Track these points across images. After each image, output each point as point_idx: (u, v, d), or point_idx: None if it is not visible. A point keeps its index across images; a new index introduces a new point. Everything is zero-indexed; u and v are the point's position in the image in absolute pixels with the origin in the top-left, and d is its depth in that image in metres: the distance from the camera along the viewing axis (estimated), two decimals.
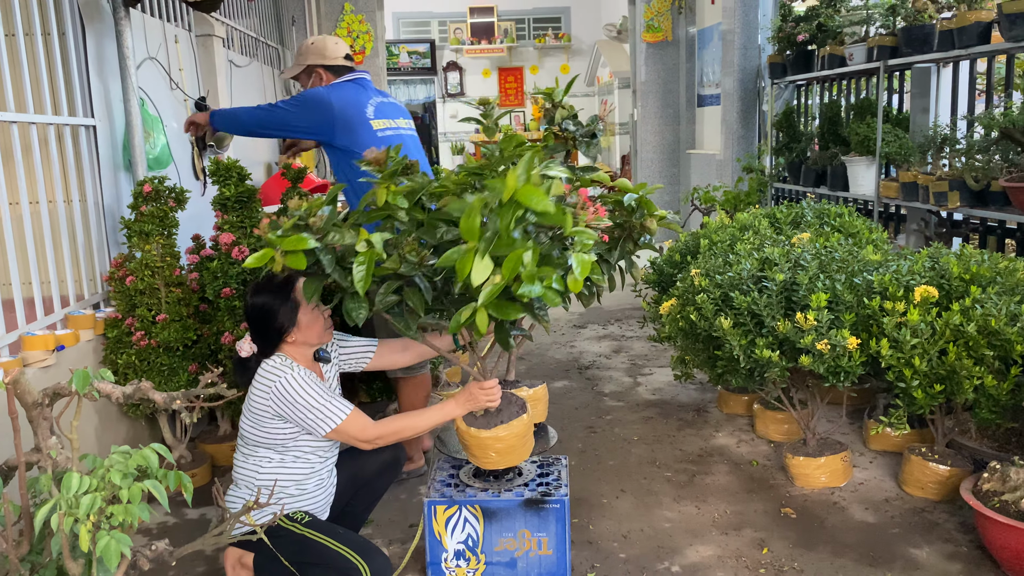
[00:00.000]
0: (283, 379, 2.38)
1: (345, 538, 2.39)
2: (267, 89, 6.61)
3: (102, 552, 1.39)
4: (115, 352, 3.34)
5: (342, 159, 3.28)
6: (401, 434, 2.51)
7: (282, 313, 2.45)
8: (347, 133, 3.25)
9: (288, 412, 2.38)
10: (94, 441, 3.19)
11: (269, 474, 2.46)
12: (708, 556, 2.76)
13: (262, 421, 2.42)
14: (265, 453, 2.46)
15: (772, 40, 6.23)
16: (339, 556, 2.33)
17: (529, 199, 1.91)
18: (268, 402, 2.39)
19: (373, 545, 2.43)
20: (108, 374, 1.66)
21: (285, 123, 3.31)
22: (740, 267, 3.10)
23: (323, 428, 2.39)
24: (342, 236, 2.17)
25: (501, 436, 2.47)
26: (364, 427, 2.44)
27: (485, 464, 2.55)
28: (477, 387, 2.47)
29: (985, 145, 3.96)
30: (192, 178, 4.73)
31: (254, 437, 2.46)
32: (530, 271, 1.96)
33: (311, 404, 2.38)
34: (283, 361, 2.44)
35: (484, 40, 12.64)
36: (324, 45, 3.45)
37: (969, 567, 2.63)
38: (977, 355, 2.70)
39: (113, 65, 3.77)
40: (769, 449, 3.60)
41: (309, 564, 2.37)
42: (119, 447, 1.52)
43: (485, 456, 2.52)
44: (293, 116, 3.29)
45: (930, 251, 3.09)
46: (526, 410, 2.53)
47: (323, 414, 2.38)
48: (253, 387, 2.45)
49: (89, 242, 3.60)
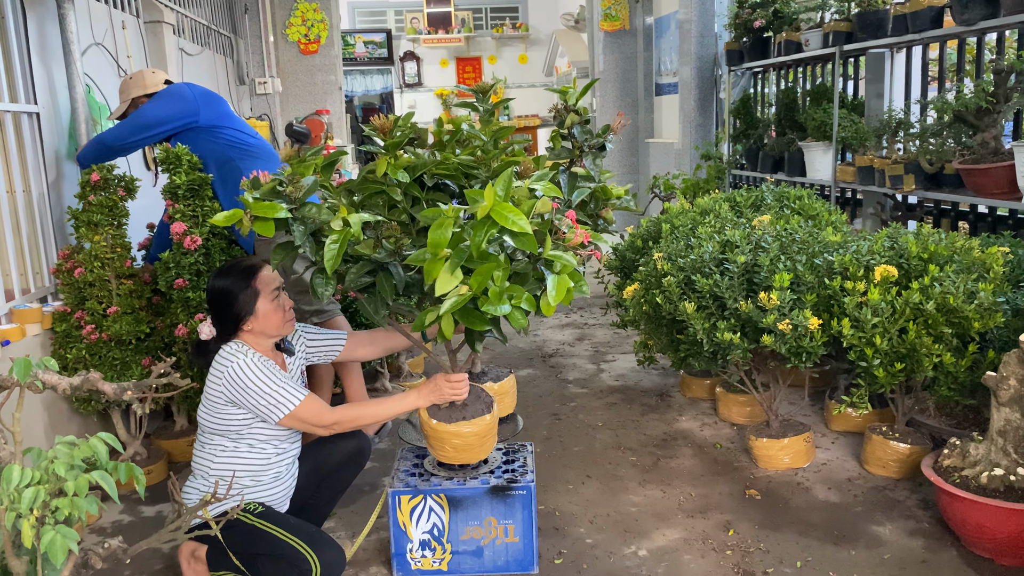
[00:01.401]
0: (235, 364, 2.34)
1: (297, 529, 2.34)
2: (219, 78, 6.47)
3: (47, 548, 1.32)
4: (64, 347, 3.23)
5: (207, 139, 3.32)
6: (358, 421, 2.47)
7: (241, 299, 2.41)
8: (211, 107, 3.33)
9: (240, 397, 2.34)
10: (44, 440, 3.07)
11: (223, 463, 2.43)
12: (675, 539, 2.75)
13: (216, 407, 2.39)
14: (220, 441, 2.42)
15: (729, 27, 6.27)
16: (289, 547, 2.29)
17: (505, 219, 1.87)
18: (221, 387, 2.36)
19: (326, 536, 2.39)
20: (52, 362, 1.59)
21: (148, 119, 3.32)
22: (702, 250, 3.10)
23: (275, 414, 2.35)
24: (318, 211, 2.12)
25: (462, 432, 2.42)
26: (319, 412, 2.39)
27: (442, 458, 2.51)
28: (444, 379, 2.41)
29: (939, 129, 4.01)
30: (143, 168, 4.60)
31: (209, 424, 2.42)
32: (498, 289, 1.94)
33: (262, 389, 2.33)
34: (239, 347, 2.40)
35: (441, 30, 12.55)
36: (142, 76, 3.52)
37: (930, 542, 2.65)
38: (936, 333, 2.73)
39: (57, 51, 3.64)
40: (732, 432, 3.61)
41: (259, 555, 2.33)
42: (64, 438, 1.44)
43: (442, 450, 2.48)
44: (153, 109, 3.32)
45: (889, 231, 3.11)
46: (491, 409, 2.48)
47: (275, 399, 2.34)
48: (210, 372, 2.42)
49: (34, 233, 3.47)
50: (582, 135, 2.64)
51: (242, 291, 2.41)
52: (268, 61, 7.36)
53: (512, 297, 1.97)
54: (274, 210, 2.06)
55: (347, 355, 2.76)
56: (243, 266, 2.46)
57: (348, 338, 2.75)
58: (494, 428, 2.51)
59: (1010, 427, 2.51)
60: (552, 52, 12.27)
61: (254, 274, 2.44)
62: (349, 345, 2.74)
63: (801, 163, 5.36)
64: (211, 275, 2.51)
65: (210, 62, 6.24)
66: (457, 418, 2.43)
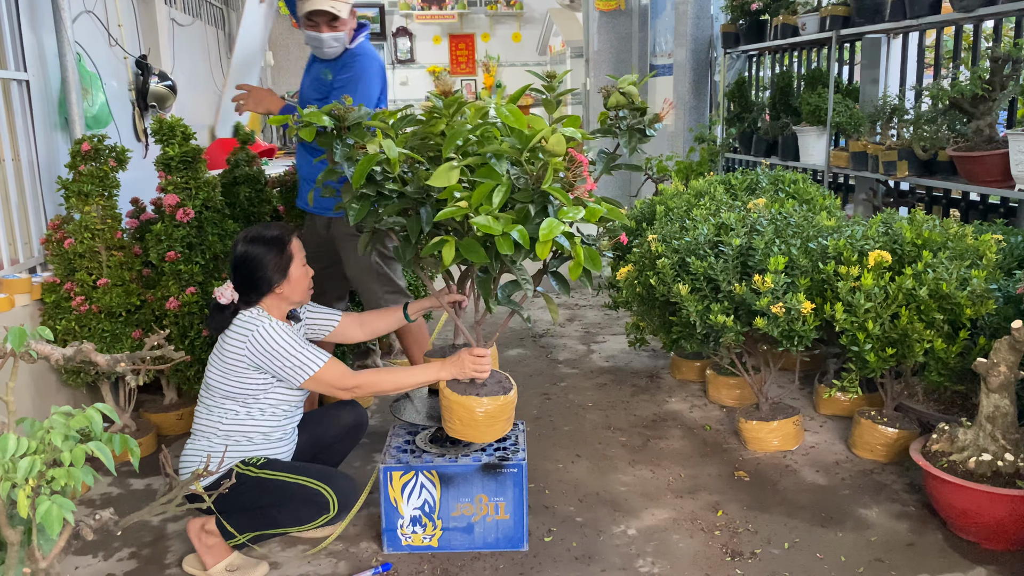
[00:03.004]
0: (260, 328, 2.39)
1: (304, 469, 2.41)
2: (211, 50, 6.39)
3: (43, 518, 1.31)
4: (53, 318, 3.21)
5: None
6: (380, 386, 2.49)
7: (276, 264, 2.46)
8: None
9: (264, 362, 2.38)
10: (32, 412, 3.06)
11: (232, 426, 2.46)
12: (663, 519, 2.77)
13: (235, 371, 2.41)
14: (231, 406, 2.46)
15: (725, 9, 6.23)
16: (300, 487, 2.35)
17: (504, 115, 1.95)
18: (244, 351, 2.39)
19: (335, 470, 2.45)
20: (47, 332, 1.57)
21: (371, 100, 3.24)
22: (697, 232, 3.10)
23: (300, 377, 2.39)
24: (361, 134, 2.26)
25: (470, 406, 2.42)
26: (343, 375, 2.43)
27: (450, 431, 2.50)
28: (468, 354, 2.43)
29: (933, 115, 4.01)
30: (133, 139, 4.55)
31: (222, 388, 2.44)
32: (492, 207, 1.95)
33: (288, 352, 2.38)
34: (260, 312, 2.45)
35: (435, 6, 12.42)
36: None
37: (916, 525, 2.68)
38: (928, 319, 2.74)
39: (47, 18, 3.58)
40: (722, 414, 3.63)
41: (272, 505, 2.35)
42: (60, 408, 1.43)
43: (451, 421, 2.47)
44: (371, 89, 3.22)
45: (883, 216, 3.12)
46: (507, 393, 2.48)
47: (300, 362, 2.39)
48: (225, 337, 2.44)
49: (24, 203, 3.43)
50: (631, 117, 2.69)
51: (278, 256, 2.46)
52: None
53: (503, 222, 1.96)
54: (318, 117, 2.21)
55: (337, 335, 2.80)
56: (274, 231, 2.52)
57: (342, 318, 2.76)
58: (506, 414, 2.48)
59: (999, 413, 2.53)
60: (546, 31, 12.18)
61: (289, 239, 2.51)
62: (341, 326, 2.79)
63: (795, 147, 5.35)
64: (238, 240, 2.53)
65: (201, 33, 6.17)
66: (471, 393, 2.43)
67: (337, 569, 2.51)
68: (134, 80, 4.57)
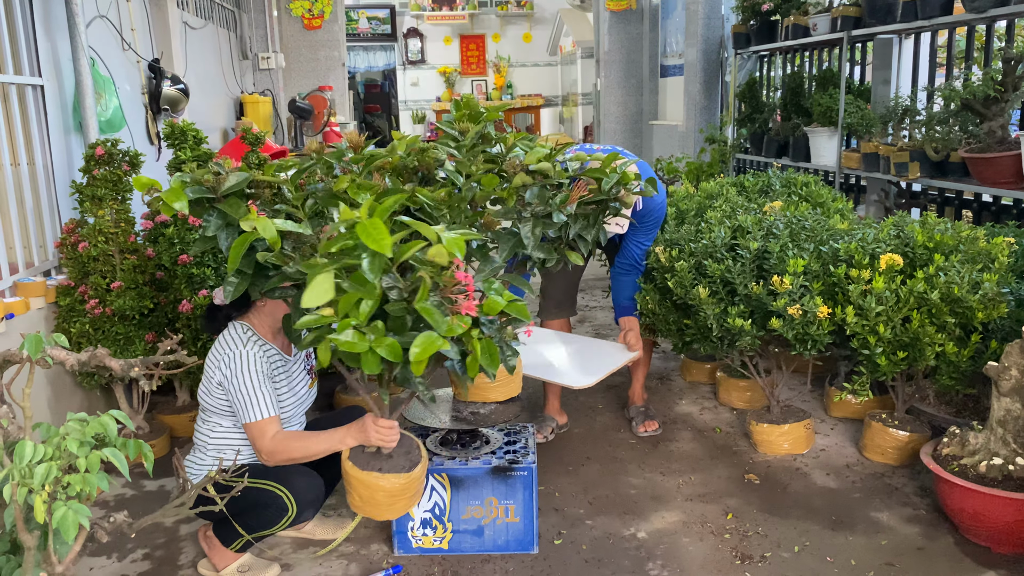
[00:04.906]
0: (237, 354, 2.37)
1: (268, 473, 2.37)
2: (222, 53, 6.43)
3: (59, 523, 1.33)
4: (67, 321, 3.24)
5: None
6: (290, 454, 2.35)
7: None
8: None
9: (229, 389, 2.38)
10: (47, 413, 3.09)
11: (220, 439, 2.46)
12: (674, 522, 2.77)
13: (210, 385, 2.42)
14: (217, 419, 2.46)
15: (736, 10, 6.22)
16: (262, 492, 2.35)
17: (367, 235, 1.58)
18: (217, 369, 2.40)
19: (296, 468, 2.41)
20: (62, 339, 1.59)
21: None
22: (714, 235, 3.09)
23: (242, 417, 2.36)
24: (235, 207, 1.95)
25: (370, 483, 2.20)
26: (262, 435, 2.34)
27: (350, 503, 2.30)
28: (372, 422, 2.25)
29: (945, 116, 4.00)
30: (146, 143, 4.58)
31: (206, 400, 2.47)
32: (357, 320, 1.66)
33: (245, 388, 2.35)
34: (245, 330, 2.43)
35: (445, 7, 12.45)
36: None
37: (928, 529, 2.68)
38: (940, 322, 2.73)
39: (61, 23, 3.62)
40: (732, 416, 3.63)
41: (243, 513, 2.36)
42: (75, 415, 1.45)
43: (349, 495, 2.28)
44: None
45: (895, 219, 3.11)
46: (413, 469, 2.24)
47: (249, 403, 2.34)
48: (212, 353, 2.45)
49: (39, 207, 3.46)
50: (535, 198, 2.33)
51: None
52: (271, 36, 7.31)
53: (371, 336, 1.68)
54: (178, 196, 1.91)
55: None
56: None
57: None
58: (409, 492, 2.24)
59: (1010, 417, 2.53)
60: (557, 31, 12.19)
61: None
62: None
63: (806, 148, 5.34)
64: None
65: (213, 36, 6.20)
66: (374, 467, 2.19)
67: (348, 571, 2.53)
68: (147, 84, 4.61)
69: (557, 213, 2.38)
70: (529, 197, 2.34)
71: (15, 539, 1.57)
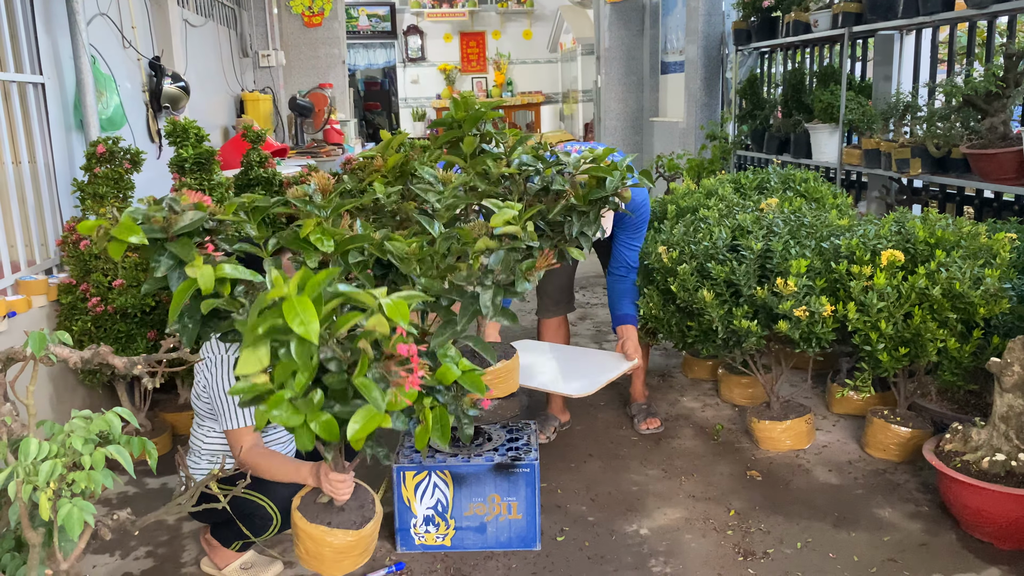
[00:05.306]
0: (220, 358, 2.37)
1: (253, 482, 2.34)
2: (223, 50, 6.42)
3: (64, 521, 1.33)
4: (69, 318, 3.24)
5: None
6: (258, 472, 2.31)
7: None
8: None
9: (208, 391, 2.38)
10: (49, 411, 3.10)
11: (213, 444, 2.47)
12: (676, 518, 2.78)
13: (198, 388, 2.43)
14: (209, 424, 2.47)
15: (737, 6, 6.22)
16: (247, 503, 2.34)
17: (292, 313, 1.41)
18: (201, 373, 2.40)
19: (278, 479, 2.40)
20: (66, 336, 1.59)
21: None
22: (715, 237, 3.08)
23: (222, 423, 2.36)
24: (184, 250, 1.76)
25: (315, 537, 2.03)
26: (238, 442, 2.33)
27: (296, 553, 2.10)
28: (324, 473, 2.07)
29: (947, 112, 3.99)
30: (147, 140, 4.58)
31: (195, 405, 2.47)
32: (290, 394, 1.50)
33: (224, 394, 2.34)
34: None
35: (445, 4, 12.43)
36: None
37: (930, 525, 2.68)
38: (941, 318, 2.73)
39: (62, 20, 3.61)
40: (733, 413, 3.63)
41: (231, 521, 2.37)
42: (79, 412, 1.45)
43: (295, 546, 2.09)
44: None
45: (896, 215, 3.11)
46: (363, 526, 2.05)
47: (225, 408, 2.34)
48: (199, 353, 2.44)
49: (40, 205, 3.46)
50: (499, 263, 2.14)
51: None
52: (271, 33, 7.30)
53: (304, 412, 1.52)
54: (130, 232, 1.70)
55: None
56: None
57: None
58: (358, 549, 2.06)
59: (1013, 413, 2.53)
60: (557, 28, 12.18)
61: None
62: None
63: (807, 145, 5.34)
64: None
65: (213, 34, 6.20)
66: (323, 520, 2.04)
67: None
68: (148, 81, 4.61)
69: (521, 281, 2.17)
70: (492, 263, 2.13)
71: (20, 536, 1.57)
